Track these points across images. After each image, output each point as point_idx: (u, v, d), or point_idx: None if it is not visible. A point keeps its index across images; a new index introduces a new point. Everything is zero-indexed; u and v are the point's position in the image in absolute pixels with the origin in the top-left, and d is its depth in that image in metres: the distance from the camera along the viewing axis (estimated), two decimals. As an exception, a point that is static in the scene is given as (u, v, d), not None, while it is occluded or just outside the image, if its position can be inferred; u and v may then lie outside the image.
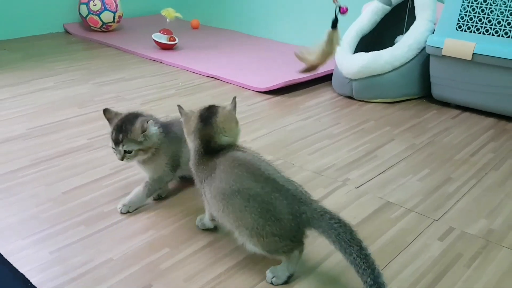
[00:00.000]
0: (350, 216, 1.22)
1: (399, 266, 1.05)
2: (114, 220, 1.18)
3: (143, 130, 1.15)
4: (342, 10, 1.08)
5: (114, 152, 1.17)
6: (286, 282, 0.99)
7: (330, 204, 1.28)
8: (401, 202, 1.30)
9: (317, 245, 1.09)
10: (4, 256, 1.03)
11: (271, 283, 0.98)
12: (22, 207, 1.22)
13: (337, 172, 1.46)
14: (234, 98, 1.11)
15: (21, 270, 0.99)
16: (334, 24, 1.18)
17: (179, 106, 1.11)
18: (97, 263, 1.03)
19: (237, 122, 1.10)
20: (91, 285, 0.97)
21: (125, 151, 1.15)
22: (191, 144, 1.07)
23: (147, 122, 1.16)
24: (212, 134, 1.04)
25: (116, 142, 1.15)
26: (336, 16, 1.16)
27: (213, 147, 1.03)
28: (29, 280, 0.96)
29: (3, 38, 2.99)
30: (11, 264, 1.00)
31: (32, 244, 1.08)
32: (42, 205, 1.23)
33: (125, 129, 1.15)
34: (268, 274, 1.00)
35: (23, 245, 1.07)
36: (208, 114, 1.06)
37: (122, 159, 1.16)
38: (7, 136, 1.63)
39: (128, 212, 1.22)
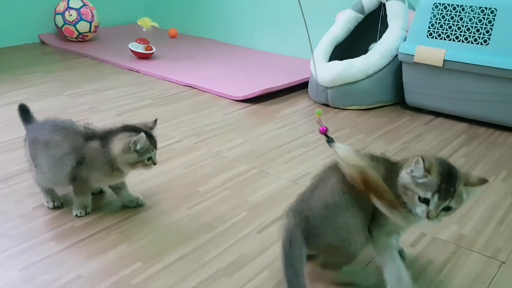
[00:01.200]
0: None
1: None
2: (85, 235, 1.17)
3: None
4: (321, 130, 1.08)
5: None
6: None
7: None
8: (374, 209, 1.31)
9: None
10: (-30, 275, 1.01)
11: None
12: (-9, 224, 1.20)
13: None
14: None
15: (-13, 290, 0.97)
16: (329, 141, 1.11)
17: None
18: (66, 280, 1.01)
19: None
20: None
21: None
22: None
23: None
24: None
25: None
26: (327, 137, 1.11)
27: None
28: None
29: (-24, 50, 2.94)
30: (-23, 284, 0.98)
31: (0, 262, 1.06)
32: (11, 221, 1.21)
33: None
34: None
35: (-9, 264, 1.05)
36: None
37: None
38: (-23, 150, 1.60)
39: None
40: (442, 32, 1.90)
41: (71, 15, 2.93)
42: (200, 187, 1.42)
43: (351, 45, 2.26)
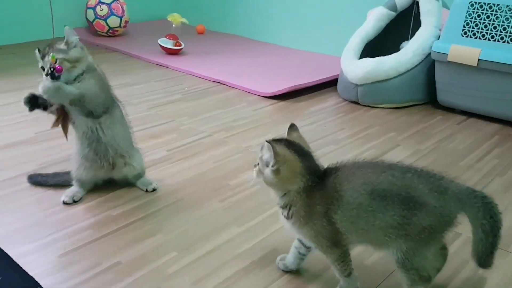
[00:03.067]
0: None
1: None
2: (122, 224, 1.19)
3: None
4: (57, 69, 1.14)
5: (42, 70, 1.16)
6: None
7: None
8: (406, 208, 1.30)
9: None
10: (13, 259, 1.04)
11: None
12: (29, 211, 1.23)
13: (343, 177, 1.46)
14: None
15: (30, 273, 1.00)
16: None
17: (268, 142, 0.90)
18: (105, 266, 1.03)
19: None
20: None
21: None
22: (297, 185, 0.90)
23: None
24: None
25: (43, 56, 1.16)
26: None
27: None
28: (38, 283, 0.96)
29: (10, 43, 3.01)
30: (21, 267, 1.01)
31: (39, 248, 1.09)
32: (48, 209, 1.24)
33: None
34: None
35: (31, 249, 1.08)
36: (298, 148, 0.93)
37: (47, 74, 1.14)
38: (13, 140, 1.65)
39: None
40: (477, 31, 1.86)
41: (102, 9, 2.98)
42: (230, 181, 1.43)
43: (381, 43, 2.24)
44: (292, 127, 0.97)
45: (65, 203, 1.26)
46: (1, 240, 1.10)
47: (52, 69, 1.14)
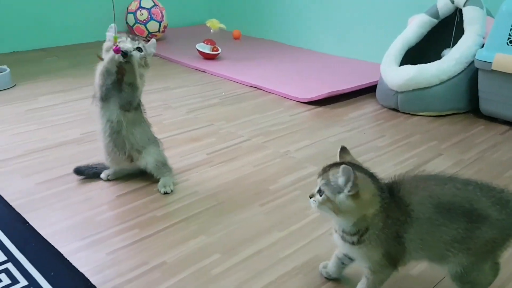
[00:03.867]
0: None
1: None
2: (166, 224, 1.21)
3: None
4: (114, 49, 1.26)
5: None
6: None
7: (378, 217, 1.27)
8: (451, 218, 1.28)
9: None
10: (64, 256, 1.07)
11: None
12: (78, 210, 1.27)
13: (385, 185, 1.45)
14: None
15: (80, 270, 1.03)
16: None
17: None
18: (152, 265, 1.06)
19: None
20: (146, 287, 0.99)
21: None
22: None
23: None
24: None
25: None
26: None
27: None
28: (88, 280, 0.99)
29: (54, 45, 3.13)
30: (71, 264, 1.04)
31: (89, 245, 1.12)
32: (97, 208, 1.28)
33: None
34: None
35: (81, 247, 1.12)
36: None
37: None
38: (61, 140, 1.71)
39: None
40: (524, 39, 1.82)
41: (142, 14, 3.06)
42: (270, 186, 1.44)
43: (422, 50, 2.21)
44: (344, 150, 0.92)
45: (101, 178, 1.43)
46: (53, 238, 1.14)
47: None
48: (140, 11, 3.06)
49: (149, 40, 1.40)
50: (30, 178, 1.43)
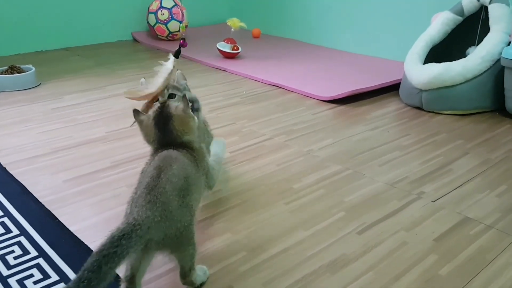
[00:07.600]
0: (429, 230, 1.20)
1: (480, 285, 1.02)
2: (192, 222, 1.22)
3: None
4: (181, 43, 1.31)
5: None
6: None
7: (405, 217, 1.26)
8: (480, 218, 1.26)
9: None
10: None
11: None
12: (106, 206, 1.29)
13: (411, 185, 1.43)
14: (184, 96, 1.13)
15: (109, 266, 1.04)
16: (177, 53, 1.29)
17: (134, 111, 1.05)
18: (179, 263, 1.06)
19: (193, 118, 1.06)
20: (174, 284, 1.00)
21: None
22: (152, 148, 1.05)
23: None
24: (173, 140, 1.03)
25: None
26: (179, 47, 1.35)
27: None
28: (118, 275, 1.01)
29: (76, 45, 3.17)
30: (101, 259, 1.06)
31: (117, 241, 1.13)
32: (125, 204, 1.29)
33: None
34: None
35: (109, 242, 1.13)
36: (164, 121, 1.03)
37: None
38: (87, 138, 1.73)
39: None
40: (553, 36, 1.78)
41: (163, 14, 3.08)
42: (294, 184, 1.43)
43: (446, 48, 2.18)
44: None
45: None
46: (82, 234, 1.16)
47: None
48: (161, 11, 3.08)
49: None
50: (58, 175, 1.46)
